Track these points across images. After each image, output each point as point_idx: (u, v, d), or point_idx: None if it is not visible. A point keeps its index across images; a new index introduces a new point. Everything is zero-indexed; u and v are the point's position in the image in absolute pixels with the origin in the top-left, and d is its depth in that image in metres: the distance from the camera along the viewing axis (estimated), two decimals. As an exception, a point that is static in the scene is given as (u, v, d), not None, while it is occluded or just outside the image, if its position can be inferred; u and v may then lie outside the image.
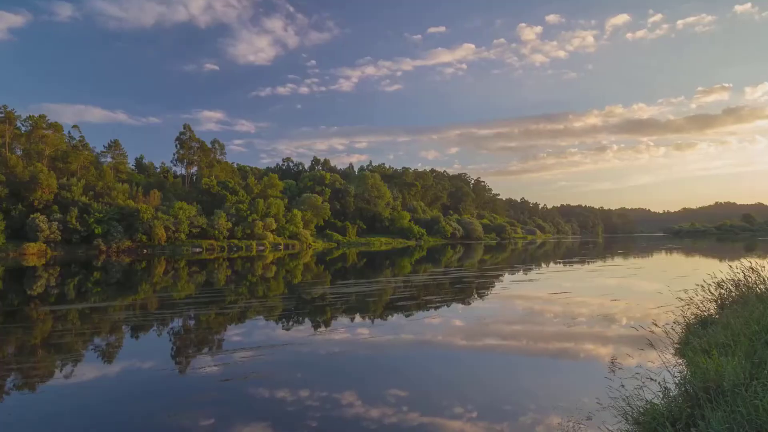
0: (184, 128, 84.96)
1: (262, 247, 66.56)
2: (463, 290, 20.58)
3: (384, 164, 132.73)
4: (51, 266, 34.63)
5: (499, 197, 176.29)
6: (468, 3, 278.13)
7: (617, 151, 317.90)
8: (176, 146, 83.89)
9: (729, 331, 6.76)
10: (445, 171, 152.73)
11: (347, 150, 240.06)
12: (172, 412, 6.54)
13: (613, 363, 8.42)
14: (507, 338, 11.14)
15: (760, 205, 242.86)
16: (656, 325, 8.48)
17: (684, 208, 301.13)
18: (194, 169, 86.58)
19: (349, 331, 11.74)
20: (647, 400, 5.31)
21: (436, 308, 15.21)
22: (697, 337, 7.59)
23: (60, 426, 6.26)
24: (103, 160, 79.05)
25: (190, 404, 6.87)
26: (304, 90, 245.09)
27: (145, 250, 57.06)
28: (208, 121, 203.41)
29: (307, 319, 13.80)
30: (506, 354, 9.73)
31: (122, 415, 6.54)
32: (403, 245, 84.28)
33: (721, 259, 38.04)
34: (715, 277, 10.91)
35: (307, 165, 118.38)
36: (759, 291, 9.07)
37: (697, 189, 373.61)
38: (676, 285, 16.74)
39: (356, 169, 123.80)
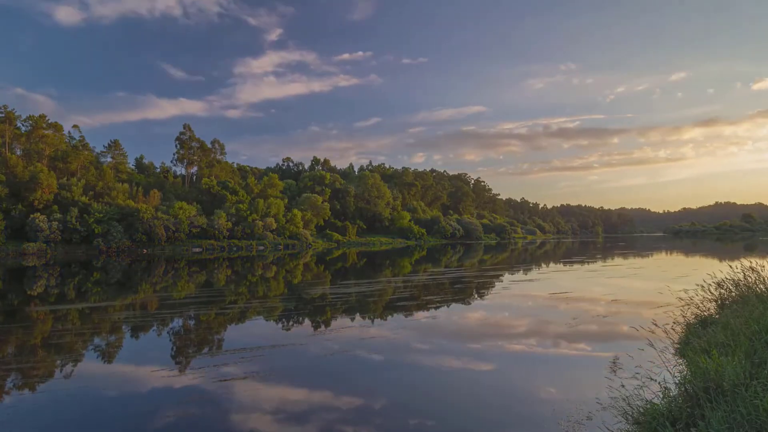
0: (184, 128, 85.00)
1: (262, 247, 66.56)
2: (463, 290, 20.58)
3: (384, 164, 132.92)
4: (51, 266, 34.62)
5: (499, 197, 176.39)
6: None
7: (697, 144, 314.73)
8: (176, 146, 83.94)
9: (729, 330, 6.75)
10: (445, 171, 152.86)
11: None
12: (171, 412, 6.53)
13: (613, 363, 8.42)
14: (507, 338, 11.13)
15: (760, 205, 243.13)
16: (656, 325, 8.47)
17: (684, 208, 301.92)
18: (194, 169, 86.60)
19: (349, 332, 11.74)
20: (647, 400, 5.31)
21: (436, 308, 15.20)
22: (697, 337, 7.58)
23: (59, 425, 6.25)
24: (103, 160, 79.08)
25: (189, 404, 6.86)
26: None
27: (145, 250, 57.05)
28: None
29: (307, 320, 13.79)
30: (506, 354, 9.72)
31: (121, 415, 6.53)
32: (403, 245, 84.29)
33: (721, 259, 38.03)
34: (715, 277, 10.91)
35: (307, 165, 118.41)
36: (759, 291, 9.06)
37: (697, 189, 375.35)
38: (676, 285, 16.76)
39: (356, 169, 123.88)
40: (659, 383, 5.54)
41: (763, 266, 10.47)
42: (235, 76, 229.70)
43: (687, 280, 19.57)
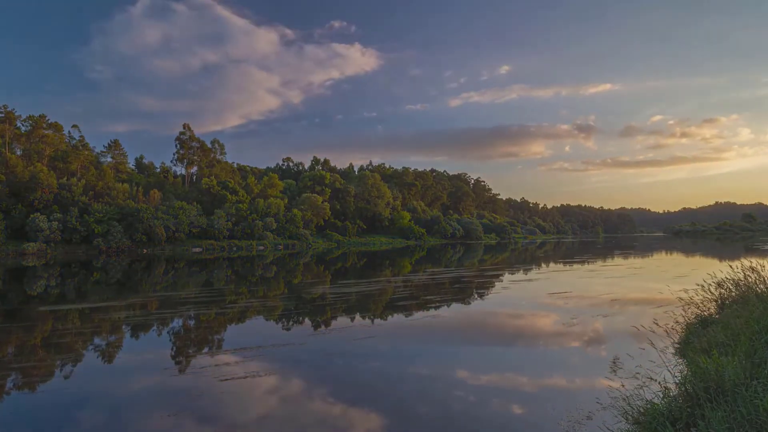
0: (184, 128, 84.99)
1: (262, 247, 66.54)
2: (462, 290, 20.57)
3: (384, 164, 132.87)
4: (51, 266, 34.62)
5: (499, 197, 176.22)
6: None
7: None
8: (176, 146, 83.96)
9: (729, 330, 6.76)
10: (445, 171, 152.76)
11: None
12: (171, 412, 6.53)
13: (613, 363, 8.42)
14: (507, 338, 11.13)
15: (760, 205, 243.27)
16: (656, 324, 8.47)
17: (684, 208, 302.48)
18: (194, 169, 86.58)
19: (349, 331, 11.74)
20: (647, 400, 5.31)
21: (435, 308, 15.20)
22: (698, 337, 7.59)
23: (59, 426, 6.25)
24: (103, 160, 79.13)
25: (188, 404, 6.86)
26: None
27: (145, 250, 57.04)
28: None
29: (307, 319, 13.79)
30: (506, 353, 9.72)
31: (121, 415, 6.53)
32: (403, 245, 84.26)
33: (721, 259, 38.02)
34: (715, 277, 10.91)
35: (307, 165, 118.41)
36: (759, 291, 9.06)
37: (697, 189, 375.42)
38: (676, 285, 16.75)
39: (356, 169, 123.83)
40: (659, 383, 5.54)
41: (763, 266, 10.47)
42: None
43: (687, 280, 19.56)
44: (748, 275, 10.19)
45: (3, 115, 63.70)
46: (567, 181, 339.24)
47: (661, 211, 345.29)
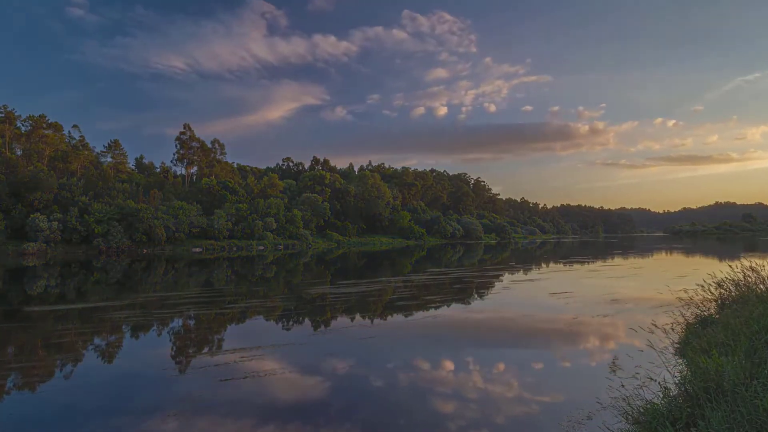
0: (184, 128, 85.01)
1: (262, 247, 66.54)
2: (463, 290, 20.57)
3: (384, 164, 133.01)
4: (51, 266, 34.61)
5: (498, 197, 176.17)
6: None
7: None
8: (176, 146, 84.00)
9: (729, 330, 6.76)
10: (445, 171, 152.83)
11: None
12: (171, 412, 6.54)
13: (613, 363, 8.42)
14: (507, 338, 11.13)
15: (760, 205, 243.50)
16: (656, 325, 8.48)
17: (684, 208, 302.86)
18: (194, 169, 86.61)
19: (350, 332, 11.74)
20: (647, 400, 5.31)
21: (436, 308, 15.20)
22: (697, 337, 7.59)
23: (60, 426, 6.26)
24: (103, 159, 79.24)
25: (189, 404, 6.86)
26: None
27: (145, 250, 57.03)
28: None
29: (307, 320, 13.80)
30: (506, 353, 9.72)
31: (122, 415, 6.53)
32: (403, 245, 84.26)
33: (721, 259, 38.03)
34: (715, 277, 10.91)
35: (307, 165, 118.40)
36: (759, 291, 9.07)
37: (697, 189, 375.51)
38: (676, 285, 16.76)
39: (356, 169, 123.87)
40: (659, 383, 5.54)
41: (763, 266, 10.48)
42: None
43: (687, 280, 19.57)
44: (748, 275, 10.21)
45: (3, 115, 63.75)
46: (602, 177, 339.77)
47: (661, 211, 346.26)
